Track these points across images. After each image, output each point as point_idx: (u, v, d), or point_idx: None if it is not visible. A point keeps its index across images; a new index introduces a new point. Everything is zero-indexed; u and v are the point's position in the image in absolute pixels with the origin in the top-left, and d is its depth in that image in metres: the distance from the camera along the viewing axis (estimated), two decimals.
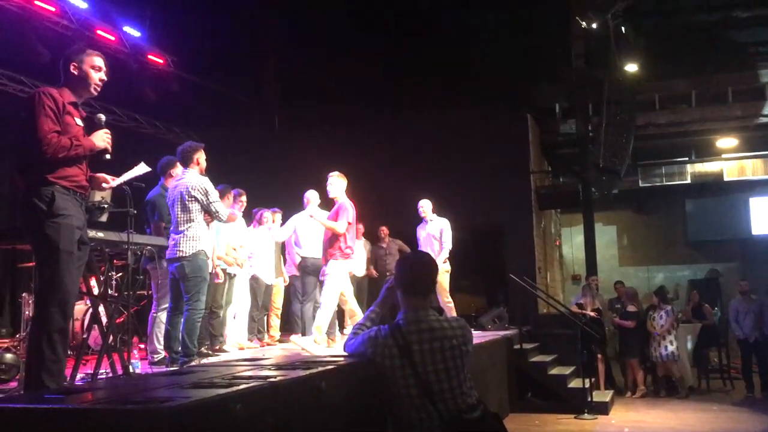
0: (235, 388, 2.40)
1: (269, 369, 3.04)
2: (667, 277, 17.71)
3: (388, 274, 10.05)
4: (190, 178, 5.59)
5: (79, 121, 3.91)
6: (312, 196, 7.67)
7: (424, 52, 14.49)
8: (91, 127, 4.01)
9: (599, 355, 10.30)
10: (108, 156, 3.97)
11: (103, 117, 4.10)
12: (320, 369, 3.00)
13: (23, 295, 7.35)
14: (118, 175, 4.41)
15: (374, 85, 14.16)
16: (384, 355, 3.17)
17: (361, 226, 10.07)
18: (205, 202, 5.55)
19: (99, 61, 4.02)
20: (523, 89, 14.12)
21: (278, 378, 2.67)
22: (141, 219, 6.39)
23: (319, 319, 6.61)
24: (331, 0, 14.87)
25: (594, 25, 13.15)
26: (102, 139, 3.93)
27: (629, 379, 10.73)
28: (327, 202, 7.52)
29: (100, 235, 5.00)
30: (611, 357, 11.37)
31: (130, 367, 5.21)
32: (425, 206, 9.38)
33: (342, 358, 3.42)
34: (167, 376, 3.26)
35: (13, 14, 9.18)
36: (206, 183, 5.60)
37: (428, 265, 3.41)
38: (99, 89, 4.04)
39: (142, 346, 7.29)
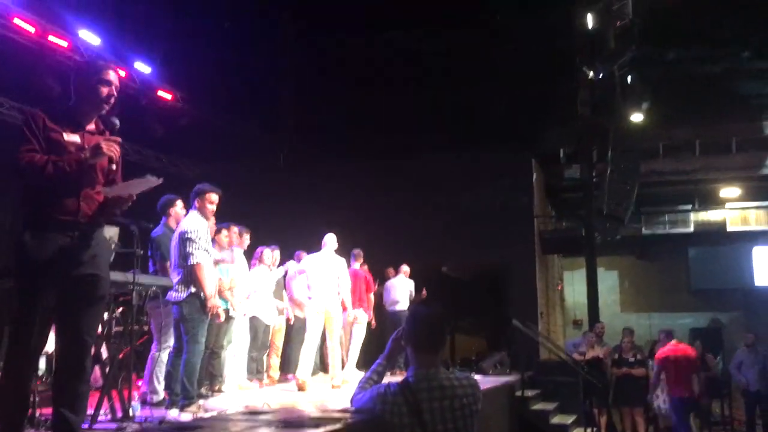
0: None
1: (277, 427, 2.99)
2: (668, 325, 17.54)
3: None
4: (187, 220, 5.56)
5: (71, 138, 3.31)
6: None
7: (431, 95, 14.62)
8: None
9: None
10: (114, 166, 3.40)
11: (117, 122, 3.52)
12: (329, 428, 2.95)
13: None
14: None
15: (382, 125, 14.26)
16: (393, 413, 3.11)
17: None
18: (185, 245, 5.39)
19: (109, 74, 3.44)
20: (528, 134, 14.21)
21: None
22: (145, 257, 6.35)
23: None
24: (342, 43, 15.06)
25: (600, 75, 13.28)
26: (105, 148, 3.25)
27: (629, 429, 10.53)
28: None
29: None
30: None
31: (131, 410, 5.13)
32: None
33: (349, 414, 3.36)
34: None
35: (27, 48, 9.29)
36: (195, 227, 5.45)
37: (439, 320, 3.35)
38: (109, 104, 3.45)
39: (140, 383, 7.19)
